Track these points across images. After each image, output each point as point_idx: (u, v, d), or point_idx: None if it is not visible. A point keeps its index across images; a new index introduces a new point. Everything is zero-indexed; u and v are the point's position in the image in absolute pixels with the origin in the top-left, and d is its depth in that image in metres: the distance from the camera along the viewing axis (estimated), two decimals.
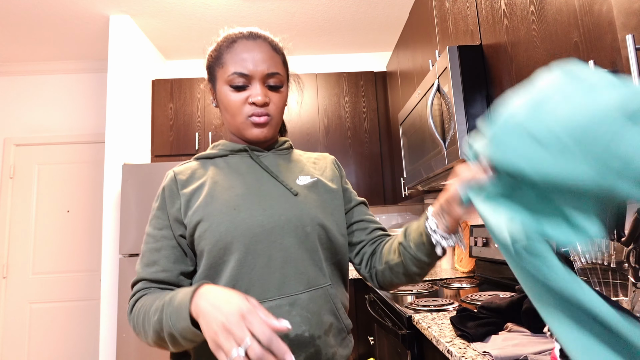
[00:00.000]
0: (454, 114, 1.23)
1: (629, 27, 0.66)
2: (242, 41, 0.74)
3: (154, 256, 0.69)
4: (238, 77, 0.72)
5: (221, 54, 0.75)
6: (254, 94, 0.72)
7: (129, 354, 2.07)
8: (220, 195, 0.71)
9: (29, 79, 3.12)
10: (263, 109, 0.72)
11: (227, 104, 0.73)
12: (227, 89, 0.73)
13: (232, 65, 0.72)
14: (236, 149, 0.78)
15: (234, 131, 0.76)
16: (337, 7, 2.60)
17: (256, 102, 0.71)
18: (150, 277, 0.68)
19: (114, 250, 2.35)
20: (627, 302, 0.95)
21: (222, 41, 0.77)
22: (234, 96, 0.72)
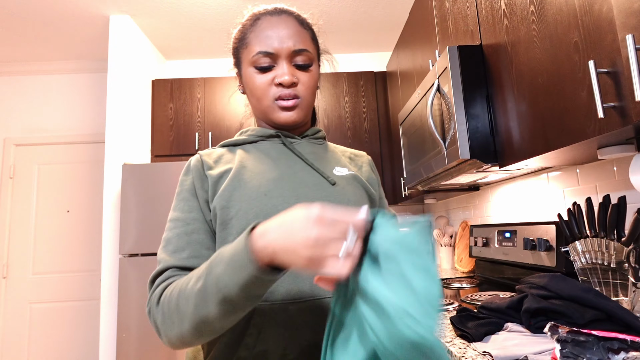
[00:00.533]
0: (454, 114, 1.23)
1: (629, 27, 0.66)
2: (266, 17, 0.68)
3: (183, 241, 0.61)
4: (263, 57, 0.66)
5: (245, 34, 0.69)
6: (280, 73, 0.66)
7: (129, 354, 2.07)
8: (250, 180, 0.64)
9: (29, 79, 3.12)
10: (291, 89, 0.67)
11: (252, 87, 0.68)
12: (252, 70, 0.68)
13: (257, 44, 0.66)
14: (267, 134, 0.72)
15: (261, 116, 0.71)
16: (337, 7, 2.60)
17: (283, 83, 0.66)
18: (181, 264, 0.59)
19: (114, 250, 2.35)
20: (627, 302, 0.95)
21: (246, 21, 0.71)
22: (259, 78, 0.67)
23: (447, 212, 2.60)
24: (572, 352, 0.68)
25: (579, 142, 0.83)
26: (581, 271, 1.07)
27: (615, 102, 0.70)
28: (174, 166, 2.22)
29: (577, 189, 1.32)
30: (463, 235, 2.22)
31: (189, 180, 0.66)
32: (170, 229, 0.63)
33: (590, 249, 1.04)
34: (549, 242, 1.31)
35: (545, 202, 1.50)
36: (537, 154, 0.99)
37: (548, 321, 0.85)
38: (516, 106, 1.07)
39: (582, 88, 0.79)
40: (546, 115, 0.93)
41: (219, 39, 2.91)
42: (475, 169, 1.35)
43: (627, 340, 0.66)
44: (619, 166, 1.14)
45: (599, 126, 0.75)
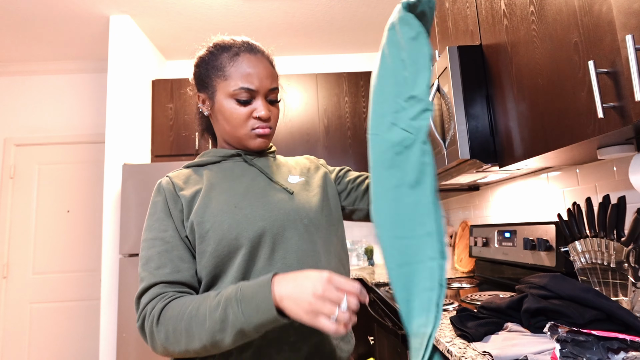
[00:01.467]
0: (454, 114, 1.23)
1: (629, 27, 0.66)
2: (245, 55, 0.76)
3: (164, 258, 0.68)
4: (245, 92, 0.74)
5: (223, 66, 0.76)
6: (259, 109, 0.75)
7: (129, 354, 2.07)
8: (219, 196, 0.72)
9: (29, 79, 3.12)
10: (267, 122, 0.77)
11: (229, 116, 0.75)
12: (232, 102, 0.75)
13: (239, 79, 0.74)
14: (228, 154, 0.80)
15: (233, 141, 0.79)
16: (337, 7, 2.60)
17: (262, 117, 0.75)
18: (165, 279, 0.66)
19: (114, 250, 2.35)
20: (627, 302, 0.95)
21: (219, 50, 0.78)
22: (239, 109, 0.75)
23: (447, 212, 2.60)
24: (571, 352, 0.68)
25: (579, 142, 0.83)
26: (581, 271, 1.07)
27: (615, 102, 0.70)
28: (174, 166, 2.22)
29: (576, 189, 1.32)
30: (463, 235, 2.22)
31: (162, 201, 0.73)
32: (148, 248, 0.69)
33: (590, 249, 1.04)
34: (549, 242, 1.31)
35: (545, 202, 1.50)
36: (537, 154, 0.99)
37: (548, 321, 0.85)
38: (516, 106, 1.07)
39: (582, 88, 0.79)
40: (546, 115, 0.94)
41: None
42: (475, 169, 1.35)
43: (627, 340, 0.67)
44: (618, 166, 1.14)
45: (598, 126, 0.75)
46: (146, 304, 0.64)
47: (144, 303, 0.65)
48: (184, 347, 0.60)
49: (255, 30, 2.83)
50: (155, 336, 0.61)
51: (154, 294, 0.65)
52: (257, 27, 2.78)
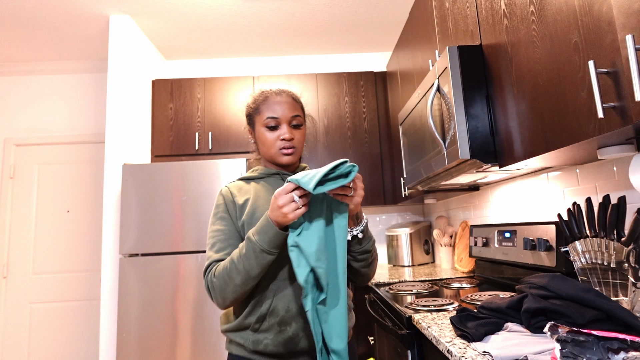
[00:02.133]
0: (454, 114, 1.23)
1: (629, 27, 0.66)
2: (272, 95, 1.04)
3: (224, 244, 0.96)
4: (271, 120, 1.00)
5: (258, 105, 1.04)
6: (283, 132, 1.01)
7: (129, 354, 2.07)
8: (262, 206, 0.99)
9: (29, 79, 3.12)
10: (290, 142, 1.01)
11: (264, 140, 1.02)
12: (264, 129, 1.02)
13: (266, 111, 1.01)
14: (271, 173, 1.06)
15: (269, 159, 1.04)
16: (337, 7, 2.60)
17: (285, 138, 1.00)
18: (223, 258, 0.94)
19: (114, 250, 2.35)
20: (627, 302, 0.95)
21: (258, 97, 1.06)
22: (269, 134, 1.01)
23: (447, 212, 2.60)
24: (572, 352, 0.68)
25: (579, 142, 0.83)
26: (581, 271, 1.07)
27: (615, 102, 0.70)
28: (174, 166, 2.22)
29: (577, 189, 1.32)
30: (463, 235, 2.22)
31: (223, 204, 1.01)
32: (213, 237, 0.98)
33: (590, 249, 1.04)
34: (549, 242, 1.31)
35: (545, 202, 1.50)
36: (537, 154, 0.99)
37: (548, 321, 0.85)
38: (516, 106, 1.07)
39: (582, 88, 0.79)
40: (546, 115, 0.94)
41: (219, 39, 2.92)
42: (475, 169, 1.35)
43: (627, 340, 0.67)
44: (618, 166, 1.14)
45: (598, 126, 0.75)
46: (209, 272, 0.93)
47: (208, 272, 0.94)
48: (231, 286, 0.88)
49: (255, 31, 2.83)
50: (214, 287, 0.90)
51: (215, 266, 0.93)
52: (257, 27, 2.78)
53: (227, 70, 3.25)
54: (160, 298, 2.11)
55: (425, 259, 2.71)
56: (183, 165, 2.22)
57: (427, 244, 2.75)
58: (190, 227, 2.17)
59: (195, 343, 2.08)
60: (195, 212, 2.18)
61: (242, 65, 3.26)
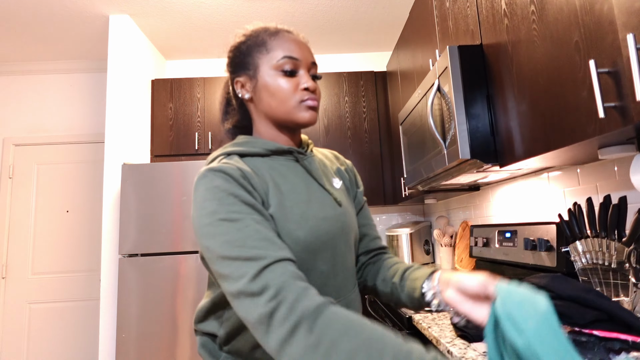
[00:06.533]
0: (454, 113, 1.23)
1: (630, 26, 0.66)
2: (284, 32, 0.75)
3: (265, 234, 0.58)
4: (289, 61, 0.71)
5: (265, 41, 0.73)
6: (307, 81, 0.72)
7: (129, 354, 2.07)
8: (286, 199, 0.68)
9: (28, 79, 3.12)
10: (314, 94, 0.73)
11: (275, 90, 0.71)
12: (277, 74, 0.71)
13: (282, 49, 0.72)
14: (281, 149, 0.74)
15: (281, 117, 0.73)
16: (337, 7, 2.59)
17: (309, 87, 0.72)
18: (287, 256, 0.57)
19: (114, 251, 2.35)
20: (628, 303, 0.94)
21: (258, 30, 0.76)
22: (285, 82, 0.71)
23: (447, 212, 2.59)
24: None
25: (580, 142, 0.83)
26: (582, 271, 1.07)
27: (616, 102, 0.69)
28: (173, 166, 2.22)
29: (577, 189, 1.32)
30: (463, 236, 2.22)
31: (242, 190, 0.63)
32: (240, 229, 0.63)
33: (591, 249, 1.04)
34: (550, 243, 1.30)
35: (546, 202, 1.50)
36: (538, 153, 0.99)
37: None
38: (516, 106, 1.07)
39: (583, 88, 0.79)
40: (547, 115, 0.93)
41: (219, 39, 2.91)
42: (475, 169, 1.35)
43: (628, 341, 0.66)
44: (619, 166, 1.13)
45: (599, 126, 0.75)
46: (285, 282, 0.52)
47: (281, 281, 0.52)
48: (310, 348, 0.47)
49: None
50: (298, 334, 0.48)
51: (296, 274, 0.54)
52: None
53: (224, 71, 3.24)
54: (159, 298, 2.11)
55: (426, 259, 2.71)
56: (183, 165, 2.22)
57: (427, 244, 2.75)
58: (190, 227, 2.17)
59: (195, 343, 2.08)
60: None
61: None
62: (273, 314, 0.50)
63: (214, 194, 0.60)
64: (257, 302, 0.51)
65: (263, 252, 0.55)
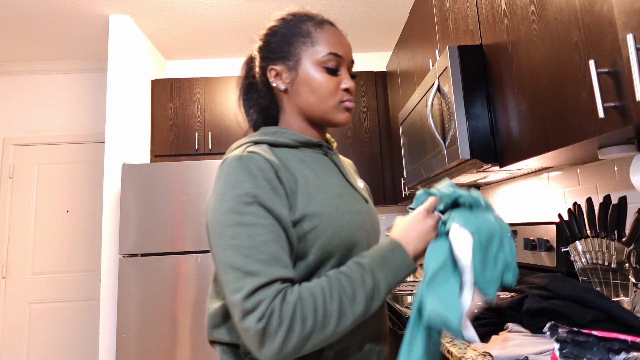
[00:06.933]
0: (454, 113, 1.23)
1: (630, 26, 0.66)
2: (330, 26, 0.72)
3: (285, 253, 0.57)
4: (334, 58, 0.69)
5: (310, 32, 0.70)
6: (348, 81, 0.71)
7: (129, 354, 2.07)
8: (318, 193, 0.65)
9: (29, 79, 3.12)
10: (352, 95, 0.72)
11: (317, 86, 0.69)
12: (320, 69, 0.69)
13: (328, 45, 0.69)
14: (311, 142, 0.72)
15: (317, 114, 0.71)
16: (337, 7, 2.59)
17: (350, 89, 0.71)
18: (287, 276, 0.56)
19: (114, 251, 2.35)
20: (628, 303, 0.95)
21: (303, 17, 0.72)
22: (328, 79, 0.69)
23: None
24: (572, 353, 0.67)
25: (580, 142, 0.83)
26: (582, 271, 1.07)
27: (616, 102, 0.69)
28: (173, 166, 2.22)
29: (577, 189, 1.32)
30: None
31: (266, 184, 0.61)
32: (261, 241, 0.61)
33: (591, 249, 1.04)
34: (550, 242, 1.30)
35: (546, 202, 1.50)
36: (538, 153, 0.99)
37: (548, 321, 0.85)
38: (516, 106, 1.07)
39: (583, 88, 0.79)
40: (546, 115, 0.93)
41: (219, 39, 2.91)
42: (475, 169, 1.35)
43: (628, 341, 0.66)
44: (619, 166, 1.13)
45: (599, 126, 0.75)
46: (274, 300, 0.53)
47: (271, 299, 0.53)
48: (330, 331, 0.53)
49: (255, 30, 2.82)
50: (292, 333, 0.52)
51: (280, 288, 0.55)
52: (257, 27, 2.78)
53: (227, 70, 3.25)
54: (160, 298, 2.11)
55: None
56: (183, 165, 2.22)
57: None
58: (190, 227, 2.17)
59: (195, 343, 2.08)
60: (195, 212, 2.18)
61: None
62: (265, 330, 0.52)
63: (235, 189, 0.58)
64: (250, 320, 0.52)
65: (264, 267, 0.54)
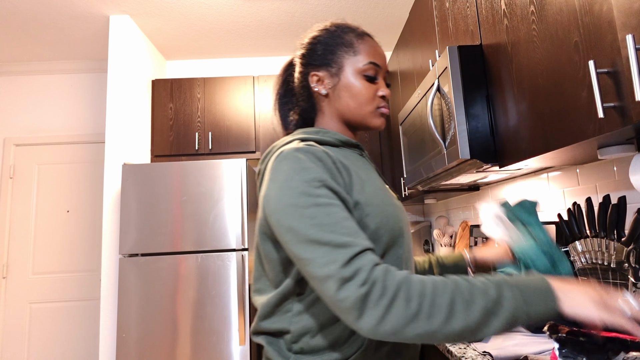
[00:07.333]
0: (454, 113, 1.23)
1: (629, 26, 0.66)
2: (368, 37, 0.79)
3: (352, 223, 0.59)
4: (373, 67, 0.75)
5: (352, 43, 0.76)
6: (384, 89, 0.77)
7: (129, 354, 2.07)
8: (365, 185, 0.68)
9: (29, 79, 3.12)
10: (387, 102, 0.78)
11: (357, 93, 0.75)
12: (360, 77, 0.75)
13: (369, 55, 0.75)
14: (351, 142, 0.77)
15: (355, 119, 0.76)
16: (337, 7, 2.60)
17: (386, 96, 0.77)
18: (372, 247, 0.58)
19: (114, 250, 2.35)
20: None
21: (346, 28, 0.78)
22: (367, 86, 0.75)
23: (447, 212, 2.59)
24: (571, 353, 0.68)
25: (579, 142, 0.83)
26: (581, 271, 1.07)
27: (616, 102, 0.69)
28: (173, 166, 2.22)
29: (577, 189, 1.32)
30: (463, 236, 2.22)
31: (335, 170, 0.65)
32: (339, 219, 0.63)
33: (590, 249, 1.04)
34: None
35: (546, 202, 1.50)
36: (537, 154, 0.99)
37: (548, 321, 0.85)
38: (516, 106, 1.07)
39: (582, 88, 0.79)
40: (546, 115, 0.93)
41: (219, 39, 2.91)
42: (475, 169, 1.35)
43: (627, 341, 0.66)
44: (619, 166, 1.14)
45: (599, 126, 0.75)
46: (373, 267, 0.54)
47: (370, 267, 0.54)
48: (435, 326, 0.51)
49: (255, 30, 2.83)
50: (394, 308, 0.51)
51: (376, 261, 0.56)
52: (257, 27, 2.78)
53: (227, 70, 3.25)
54: (160, 298, 2.11)
55: None
56: (183, 165, 2.22)
57: (427, 244, 2.75)
58: (190, 227, 2.17)
59: (195, 343, 2.08)
60: (195, 212, 2.18)
61: (242, 65, 3.26)
62: (367, 296, 0.52)
63: (302, 175, 0.60)
64: (350, 288, 0.52)
65: (352, 239, 0.56)
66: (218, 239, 2.16)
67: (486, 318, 0.52)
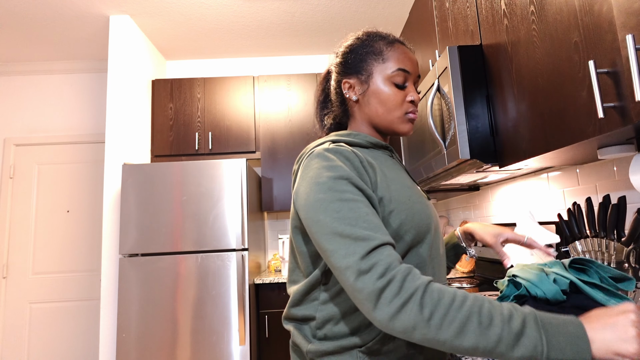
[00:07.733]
0: (454, 113, 1.23)
1: (629, 27, 0.66)
2: (401, 45, 0.80)
3: (374, 218, 0.61)
4: (402, 74, 0.77)
5: (381, 50, 0.79)
6: (413, 94, 0.78)
7: (129, 354, 2.07)
8: (392, 183, 0.70)
9: (29, 79, 3.12)
10: (416, 107, 0.79)
11: (386, 99, 0.77)
12: (389, 84, 0.77)
13: (397, 62, 0.77)
14: (380, 144, 0.80)
15: (384, 124, 0.79)
16: (337, 7, 2.60)
17: (415, 101, 0.78)
18: (393, 242, 0.61)
19: (114, 250, 2.35)
20: None
21: (376, 37, 0.81)
22: (396, 92, 0.77)
23: (447, 212, 2.59)
24: None
25: (579, 142, 0.83)
26: None
27: (615, 102, 0.69)
28: (173, 166, 2.22)
29: (577, 189, 1.32)
30: None
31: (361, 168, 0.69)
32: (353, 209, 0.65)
33: (590, 249, 1.04)
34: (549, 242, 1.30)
35: (546, 202, 1.50)
36: (537, 154, 0.99)
37: None
38: (516, 106, 1.07)
39: (582, 88, 0.79)
40: (546, 115, 0.93)
41: (219, 39, 2.91)
42: (475, 169, 1.35)
43: None
44: (619, 166, 1.14)
45: (599, 126, 0.75)
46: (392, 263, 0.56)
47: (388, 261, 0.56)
48: (443, 337, 0.52)
49: (255, 30, 2.83)
50: (407, 310, 0.53)
51: (397, 257, 0.58)
52: (257, 27, 2.78)
53: (227, 70, 3.25)
54: (160, 298, 2.11)
55: None
56: (183, 165, 2.22)
57: None
58: (190, 227, 2.17)
59: (195, 343, 2.08)
60: (195, 212, 2.18)
61: (242, 65, 3.26)
62: (382, 291, 0.54)
63: (330, 172, 0.65)
64: (366, 280, 0.55)
65: (372, 233, 0.58)
66: (218, 239, 2.16)
67: (498, 346, 0.51)
